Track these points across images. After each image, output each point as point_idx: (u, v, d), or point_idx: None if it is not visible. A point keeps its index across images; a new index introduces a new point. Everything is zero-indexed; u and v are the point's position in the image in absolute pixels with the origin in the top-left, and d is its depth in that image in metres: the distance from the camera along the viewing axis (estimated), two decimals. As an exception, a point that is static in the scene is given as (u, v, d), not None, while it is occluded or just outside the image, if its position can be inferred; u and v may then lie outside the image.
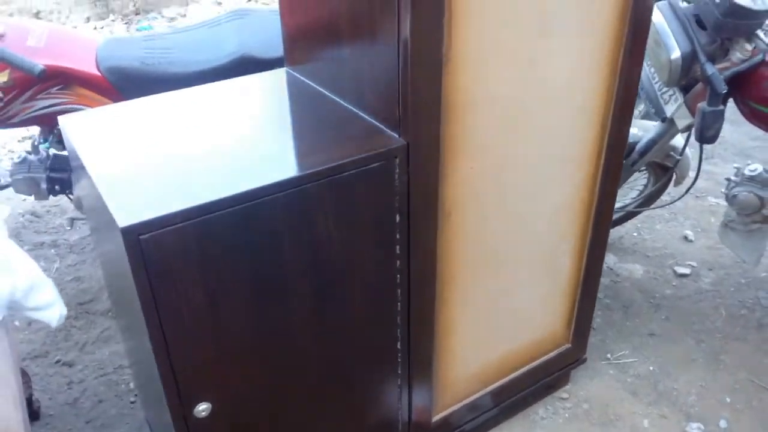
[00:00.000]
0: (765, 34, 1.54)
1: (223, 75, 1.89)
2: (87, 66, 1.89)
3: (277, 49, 1.93)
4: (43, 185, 2.09)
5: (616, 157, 1.47)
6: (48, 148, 2.11)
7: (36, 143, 2.10)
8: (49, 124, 1.99)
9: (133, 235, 0.90)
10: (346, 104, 1.26)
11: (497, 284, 1.44)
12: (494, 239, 1.37)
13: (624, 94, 1.38)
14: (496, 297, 1.46)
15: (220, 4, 7.34)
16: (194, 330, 1.03)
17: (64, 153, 2.11)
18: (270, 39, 1.95)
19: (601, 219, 1.54)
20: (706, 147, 1.88)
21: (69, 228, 2.20)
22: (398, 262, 1.23)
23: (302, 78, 1.41)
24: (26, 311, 1.07)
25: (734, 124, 2.69)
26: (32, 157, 2.09)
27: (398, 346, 1.34)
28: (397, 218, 1.18)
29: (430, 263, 1.28)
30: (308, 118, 1.25)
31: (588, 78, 1.32)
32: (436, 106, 1.12)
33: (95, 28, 6.67)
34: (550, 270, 1.54)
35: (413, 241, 1.22)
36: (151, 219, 0.91)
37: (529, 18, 1.15)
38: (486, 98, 1.18)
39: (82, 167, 1.11)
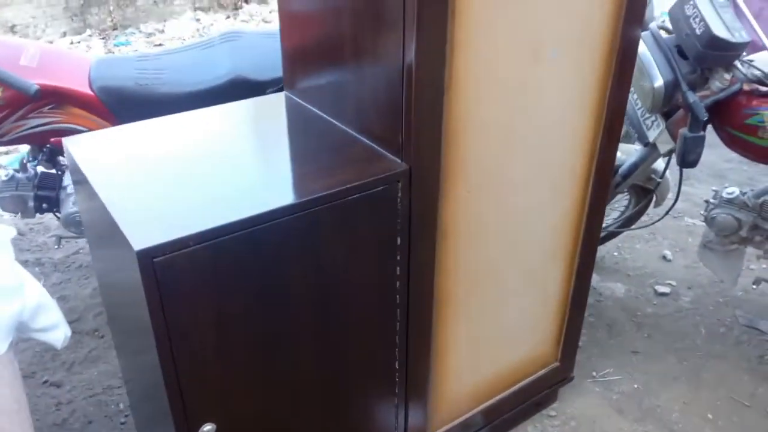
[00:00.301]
0: (742, 64, 1.62)
1: (216, 96, 1.91)
2: (80, 85, 1.90)
3: (269, 71, 1.96)
4: (31, 203, 2.08)
5: (603, 179, 1.52)
6: (36, 165, 2.10)
7: (25, 161, 2.09)
8: (39, 143, 1.98)
9: (147, 257, 0.91)
10: (347, 128, 1.30)
11: (491, 302, 1.48)
12: (488, 259, 1.41)
13: (612, 120, 1.43)
14: (489, 315, 1.50)
15: (198, 20, 7.35)
16: (202, 351, 1.04)
17: (52, 171, 2.10)
18: (263, 61, 1.98)
19: (590, 239, 1.59)
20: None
21: (57, 247, 2.19)
22: (398, 283, 1.25)
23: (302, 102, 1.44)
24: (32, 333, 1.07)
25: (709, 146, 2.77)
26: (20, 175, 2.08)
27: (396, 366, 1.36)
28: (399, 240, 1.21)
29: (429, 283, 1.31)
30: (311, 142, 1.28)
31: (578, 104, 1.37)
32: (438, 131, 1.16)
33: (72, 43, 6.62)
34: (540, 288, 1.58)
35: (413, 263, 1.25)
36: (166, 242, 0.93)
37: (524, 46, 1.20)
38: (482, 124, 1.22)
39: (89, 190, 1.12)
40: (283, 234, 1.05)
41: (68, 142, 1.25)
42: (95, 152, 1.23)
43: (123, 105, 1.91)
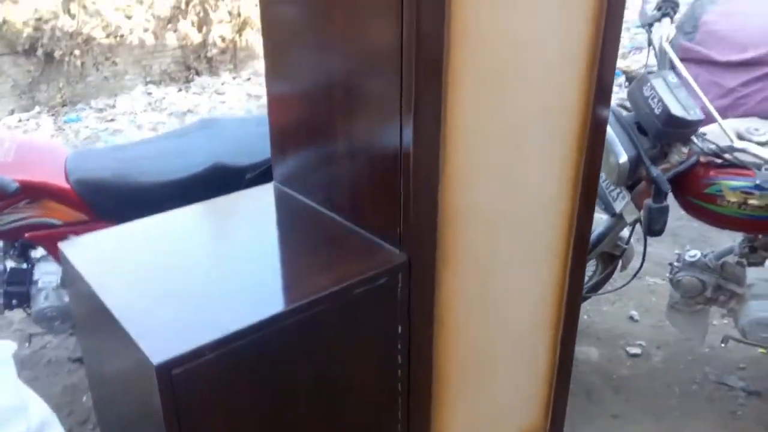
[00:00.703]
0: (697, 138, 1.75)
1: (195, 184, 1.92)
2: (56, 179, 1.89)
3: (248, 157, 1.99)
4: (0, 300, 2.02)
5: (581, 251, 1.59)
6: (5, 260, 2.06)
7: (-5, 257, 2.04)
8: (13, 239, 1.95)
9: (166, 370, 0.92)
10: (341, 219, 1.33)
11: (484, 379, 1.51)
12: (480, 338, 1.45)
13: (587, 194, 1.52)
14: (484, 391, 1.52)
15: (150, 93, 7.37)
16: (216, 458, 1.04)
17: (23, 266, 2.06)
18: (240, 146, 2.01)
19: (572, 308, 1.65)
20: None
21: (27, 344, 2.13)
22: (400, 372, 1.28)
23: (292, 192, 1.47)
24: (36, 451, 1.04)
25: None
26: (-11, 273, 2.03)
27: (399, 452, 1.37)
28: (399, 329, 1.24)
29: (428, 369, 1.34)
30: (307, 236, 1.31)
31: (557, 181, 1.45)
32: (434, 219, 1.20)
33: (20, 121, 6.53)
34: (529, 361, 1.62)
35: (413, 350, 1.28)
36: (184, 353, 0.93)
37: (507, 131, 1.27)
38: (471, 209, 1.28)
39: (90, 295, 1.11)
40: (292, 334, 1.07)
41: (64, 247, 1.25)
42: (93, 256, 1.23)
43: (100, 197, 1.90)
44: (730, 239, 2.17)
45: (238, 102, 6.96)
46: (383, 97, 1.13)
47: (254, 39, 8.25)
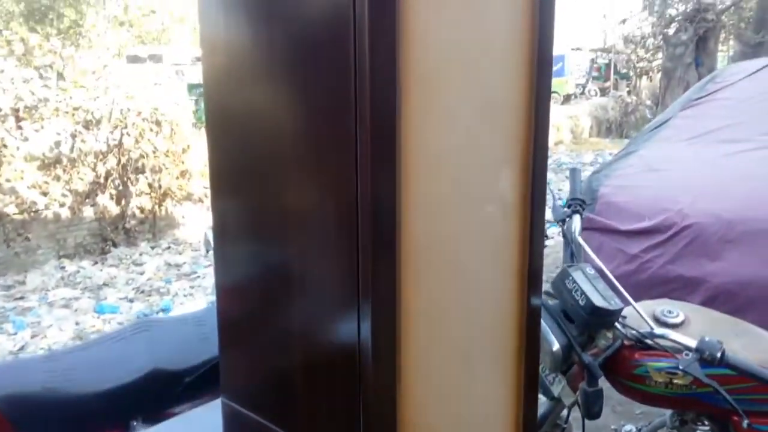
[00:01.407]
0: (619, 323, 1.89)
1: (133, 391, 1.87)
2: (-21, 398, 1.78)
3: (187, 360, 1.97)
4: None
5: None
6: None
7: None
8: None
9: None
10: (297, 438, 1.33)
11: None
12: None
13: (529, 387, 1.59)
14: None
15: (63, 267, 7.17)
16: None
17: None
18: (180, 349, 1.99)
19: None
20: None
21: None
22: None
23: (242, 410, 1.45)
24: None
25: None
26: None
27: None
28: None
29: None
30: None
31: (503, 385, 1.51)
32: (394, 426, 1.22)
33: None
34: None
35: None
36: None
37: (457, 351, 1.35)
38: (428, 412, 1.31)
39: None
40: None
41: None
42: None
43: (29, 413, 1.80)
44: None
45: (157, 272, 6.87)
46: (341, 291, 1.18)
47: (174, 209, 8.33)
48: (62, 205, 7.33)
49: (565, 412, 2.14)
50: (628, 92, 19.94)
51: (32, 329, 5.34)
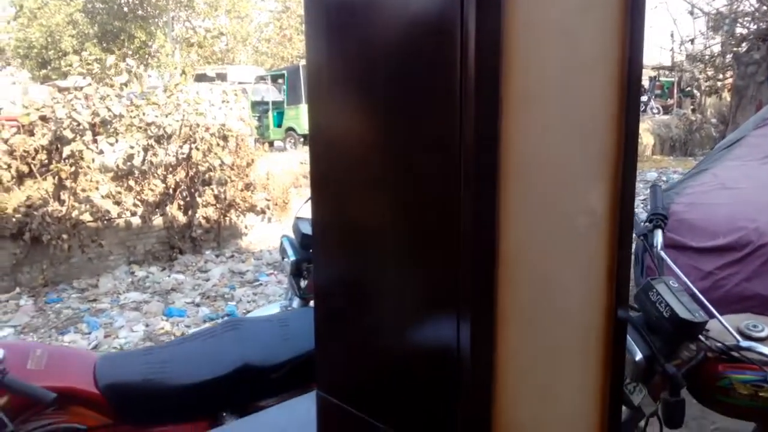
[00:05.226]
0: (703, 336, 1.89)
1: (223, 385, 1.96)
2: (85, 384, 1.90)
3: (274, 357, 2.05)
4: None
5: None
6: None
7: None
8: (35, 446, 1.92)
9: None
10: (390, 430, 1.38)
11: None
12: None
13: (613, 400, 1.61)
14: None
15: (133, 273, 7.45)
16: None
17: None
18: (268, 346, 2.08)
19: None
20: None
21: None
22: None
23: (337, 402, 1.52)
24: None
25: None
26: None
27: None
28: None
29: None
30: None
31: (589, 394, 1.54)
32: (489, 425, 1.26)
33: (-1, 302, 6.48)
34: None
35: None
36: None
37: (548, 351, 1.39)
38: (520, 415, 1.35)
39: None
40: None
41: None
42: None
43: (129, 402, 1.91)
44: (730, 419, 2.24)
45: (222, 279, 7.07)
46: (440, 304, 1.23)
47: (238, 219, 8.57)
48: (133, 214, 7.64)
49: (643, 422, 2.13)
50: (693, 110, 19.47)
51: (105, 329, 5.57)
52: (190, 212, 7.95)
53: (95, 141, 7.42)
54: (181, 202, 7.93)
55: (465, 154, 1.16)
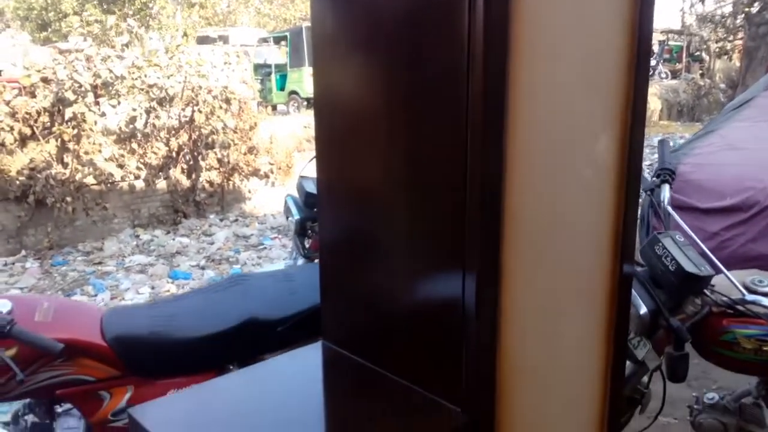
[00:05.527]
0: (708, 290, 1.89)
1: (229, 338, 1.98)
2: (93, 337, 1.92)
3: (279, 311, 2.06)
4: (21, 458, 1.98)
5: (616, 401, 1.66)
6: (27, 416, 2.03)
7: (19, 413, 2.02)
8: (45, 396, 1.94)
9: None
10: (398, 379, 1.39)
11: None
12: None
13: (617, 348, 1.61)
14: None
15: (138, 236, 7.47)
16: None
17: (46, 422, 2.03)
18: (273, 300, 2.09)
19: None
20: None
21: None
22: None
23: (343, 351, 1.53)
24: None
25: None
26: (11, 429, 2.00)
27: None
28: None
29: None
30: (368, 397, 1.36)
31: (592, 341, 1.54)
32: (494, 379, 1.27)
33: (5, 264, 6.52)
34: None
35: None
36: None
37: (551, 295, 1.39)
38: (524, 370, 1.36)
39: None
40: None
41: (135, 413, 1.28)
42: (167, 423, 1.26)
43: (136, 354, 1.93)
44: (731, 376, 2.26)
45: (226, 243, 7.09)
46: (446, 252, 1.23)
47: (241, 184, 8.56)
48: (137, 177, 7.63)
49: (646, 377, 2.15)
50: (701, 75, 19.22)
51: (111, 292, 5.61)
52: (193, 176, 7.94)
53: (97, 103, 7.37)
54: (185, 166, 7.91)
55: (472, 107, 1.14)
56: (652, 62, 23.24)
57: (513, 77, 1.17)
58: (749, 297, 1.79)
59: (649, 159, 8.85)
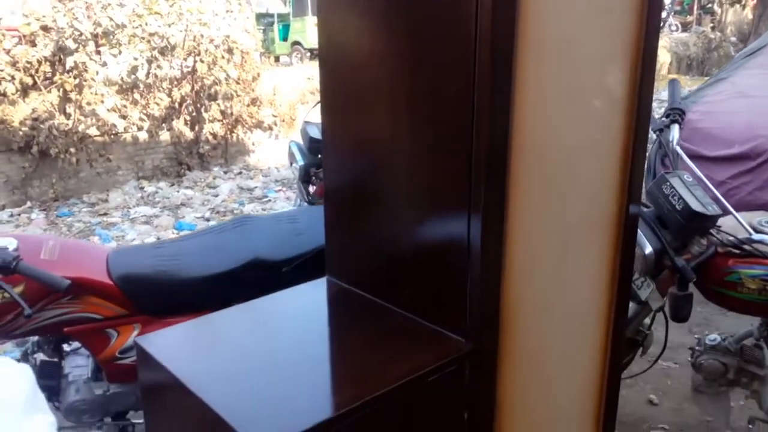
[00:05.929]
0: (714, 230, 1.88)
1: (233, 278, 1.98)
2: (99, 275, 1.93)
3: (283, 251, 2.06)
4: (32, 396, 2.01)
5: (618, 337, 1.67)
6: (36, 354, 2.06)
7: (29, 351, 2.05)
8: (52, 334, 1.97)
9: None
10: (404, 312, 1.40)
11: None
12: (535, 420, 1.50)
13: (622, 287, 1.61)
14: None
15: (143, 188, 7.47)
16: None
17: (54, 360, 2.06)
18: (275, 242, 2.09)
19: (612, 387, 1.71)
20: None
21: (57, 440, 2.09)
22: (466, 457, 1.31)
23: (348, 287, 1.54)
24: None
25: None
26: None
27: None
28: (466, 416, 1.29)
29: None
30: (374, 327, 1.37)
31: (597, 277, 1.55)
32: (498, 311, 1.28)
33: (12, 215, 6.54)
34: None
35: (478, 435, 1.32)
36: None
37: (558, 230, 1.38)
38: (529, 302, 1.36)
39: (179, 388, 1.15)
40: (375, 420, 1.11)
41: (142, 342, 1.29)
42: (173, 351, 1.27)
43: (142, 291, 1.94)
44: (733, 323, 2.28)
45: (230, 195, 7.09)
46: (452, 193, 1.23)
47: (245, 136, 8.51)
48: (140, 128, 7.58)
49: (648, 319, 2.16)
50: (712, 28, 18.83)
51: (117, 242, 5.64)
52: (196, 127, 7.89)
53: (98, 52, 7.28)
54: (188, 117, 7.85)
55: (480, 38, 1.11)
56: (663, 14, 22.81)
57: (522, 8, 1.14)
58: (756, 236, 1.78)
59: (656, 112, 8.75)
